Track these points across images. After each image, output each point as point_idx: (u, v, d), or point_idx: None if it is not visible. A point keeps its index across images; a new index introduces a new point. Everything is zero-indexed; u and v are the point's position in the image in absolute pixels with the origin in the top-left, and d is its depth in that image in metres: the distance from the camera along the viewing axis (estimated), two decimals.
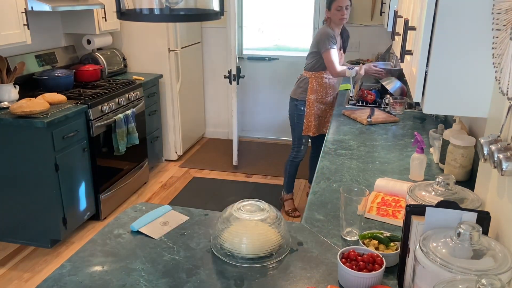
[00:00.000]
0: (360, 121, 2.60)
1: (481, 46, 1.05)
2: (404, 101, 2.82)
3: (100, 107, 3.21)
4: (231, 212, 1.32)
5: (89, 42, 3.89)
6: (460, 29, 1.05)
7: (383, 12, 4.19)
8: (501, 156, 0.92)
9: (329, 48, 2.99)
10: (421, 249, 0.93)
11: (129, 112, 3.51)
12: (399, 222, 1.45)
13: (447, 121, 2.47)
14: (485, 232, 1.01)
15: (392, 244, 1.25)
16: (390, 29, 2.79)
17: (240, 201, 1.38)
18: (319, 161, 2.01)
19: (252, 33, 5.13)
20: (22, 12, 2.86)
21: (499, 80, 0.96)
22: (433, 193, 1.15)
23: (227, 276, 1.20)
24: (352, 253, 1.18)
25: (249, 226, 1.34)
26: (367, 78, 3.70)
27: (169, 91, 4.32)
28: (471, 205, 1.10)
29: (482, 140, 0.99)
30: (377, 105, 2.98)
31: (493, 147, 0.95)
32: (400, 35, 1.37)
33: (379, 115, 2.67)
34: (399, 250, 1.14)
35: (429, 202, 1.11)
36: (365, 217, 1.46)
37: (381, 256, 1.16)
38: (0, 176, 2.92)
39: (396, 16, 1.78)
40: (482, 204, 1.16)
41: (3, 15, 2.73)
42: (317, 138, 3.38)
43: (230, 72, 4.15)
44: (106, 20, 3.78)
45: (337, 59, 3.05)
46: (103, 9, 3.70)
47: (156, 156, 4.31)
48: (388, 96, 2.95)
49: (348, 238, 1.37)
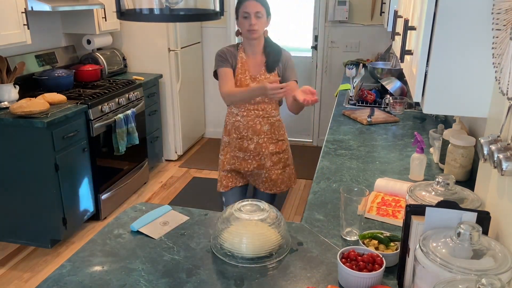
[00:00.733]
0: (360, 121, 2.60)
1: (481, 46, 1.05)
2: (404, 101, 2.82)
3: (100, 107, 3.21)
4: (231, 212, 1.32)
5: (89, 42, 3.89)
6: (460, 29, 1.05)
7: (383, 12, 4.19)
8: (501, 156, 0.92)
9: (216, 69, 2.24)
10: (421, 249, 0.93)
11: (129, 112, 3.51)
12: (399, 222, 1.45)
13: (447, 121, 2.47)
14: (485, 232, 1.01)
15: (392, 244, 1.25)
16: (390, 29, 2.79)
17: (240, 201, 1.38)
18: (319, 161, 2.01)
19: None
20: (22, 12, 2.86)
21: (499, 80, 0.96)
22: (433, 193, 1.15)
23: (227, 276, 1.20)
24: (352, 253, 1.18)
25: (249, 226, 1.34)
26: (367, 78, 3.71)
27: (169, 91, 4.32)
28: (471, 205, 1.10)
29: (482, 140, 0.99)
30: (377, 105, 2.98)
31: (493, 147, 0.95)
32: (400, 35, 1.37)
33: (379, 115, 2.67)
34: (399, 250, 1.14)
35: (429, 202, 1.11)
36: (365, 217, 1.46)
37: (381, 256, 1.16)
38: (0, 176, 2.92)
39: (396, 16, 1.78)
40: (482, 204, 1.16)
41: (3, 15, 2.73)
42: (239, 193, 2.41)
43: None
44: (106, 20, 3.78)
45: (228, 79, 2.19)
46: (103, 9, 3.70)
47: (156, 156, 4.31)
48: (388, 96, 2.95)
49: (348, 238, 1.37)
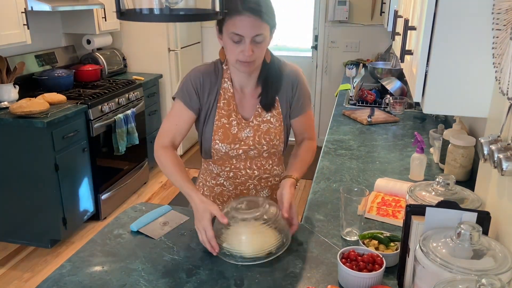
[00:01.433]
0: (360, 121, 2.60)
1: (481, 46, 1.05)
2: (404, 101, 2.82)
3: (100, 107, 3.21)
4: (228, 211, 1.31)
5: (89, 42, 3.89)
6: (460, 29, 1.05)
7: (383, 12, 4.19)
8: (501, 156, 0.92)
9: (174, 97, 1.53)
10: (421, 249, 0.93)
11: (129, 112, 3.51)
12: (399, 222, 1.45)
13: (447, 121, 2.47)
14: (485, 232, 1.01)
15: (392, 244, 1.25)
16: (390, 29, 2.79)
17: (237, 200, 1.36)
18: (319, 161, 2.01)
19: None
20: (22, 12, 2.86)
21: (499, 80, 0.96)
22: (433, 193, 1.15)
23: (227, 276, 1.20)
24: (352, 253, 1.18)
25: (248, 225, 1.34)
26: (367, 78, 3.71)
27: (169, 91, 4.32)
28: (471, 205, 1.10)
29: (482, 140, 0.98)
30: (377, 105, 2.98)
31: (493, 147, 0.95)
32: (400, 35, 1.37)
33: (379, 115, 2.67)
34: (399, 250, 1.14)
35: (429, 202, 1.11)
36: (365, 217, 1.45)
37: (381, 256, 1.16)
38: (0, 176, 2.92)
39: (396, 16, 1.78)
40: (482, 204, 1.15)
41: (3, 15, 2.73)
42: None
43: None
44: (106, 20, 3.78)
45: (172, 127, 1.49)
46: (103, 9, 3.70)
47: None
48: (388, 96, 2.95)
49: (348, 238, 1.37)
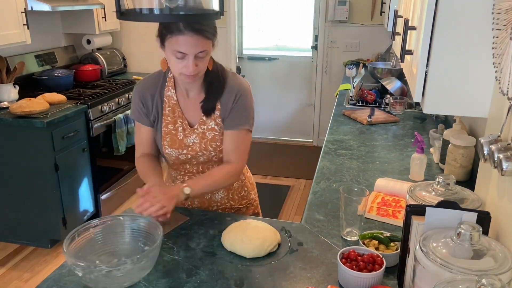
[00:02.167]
0: (360, 121, 2.60)
1: (481, 46, 1.05)
2: (404, 101, 2.82)
3: (100, 107, 3.21)
4: None
5: (89, 42, 3.89)
6: (461, 29, 1.05)
7: (383, 12, 4.19)
8: (501, 156, 0.92)
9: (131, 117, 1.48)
10: (421, 249, 0.93)
11: (129, 112, 3.51)
12: (399, 222, 1.45)
13: (447, 121, 2.47)
14: (485, 232, 1.01)
15: (392, 244, 1.25)
16: (390, 29, 2.79)
17: None
18: (319, 161, 2.01)
19: (252, 33, 5.13)
20: (22, 12, 2.86)
21: (499, 80, 0.96)
22: (433, 193, 1.15)
23: (227, 276, 1.20)
24: (352, 253, 1.18)
25: (248, 226, 1.34)
26: (367, 78, 3.71)
27: None
28: (471, 205, 1.10)
29: (482, 140, 0.98)
30: (377, 105, 2.98)
31: (493, 147, 0.95)
32: (400, 35, 1.37)
33: (379, 115, 2.67)
34: (399, 250, 1.14)
35: (429, 202, 1.11)
36: (365, 217, 1.45)
37: (381, 256, 1.16)
38: (0, 176, 2.92)
39: (396, 16, 1.78)
40: (482, 204, 1.15)
41: (3, 15, 2.73)
42: None
43: None
44: (106, 20, 3.78)
45: (142, 141, 1.63)
46: (103, 9, 3.70)
47: None
48: (388, 96, 2.95)
49: (348, 238, 1.37)
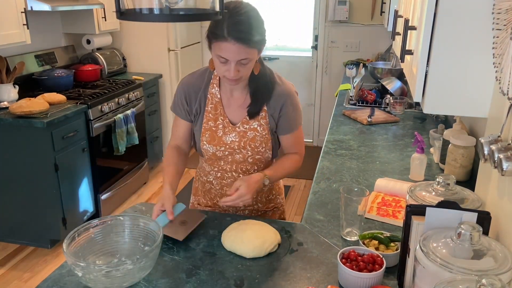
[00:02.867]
0: (360, 121, 2.60)
1: (482, 46, 1.05)
2: (404, 101, 2.82)
3: (100, 107, 3.21)
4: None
5: (89, 42, 3.89)
6: (461, 29, 1.05)
7: (383, 12, 4.19)
8: (502, 156, 0.92)
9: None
10: (421, 249, 0.93)
11: (129, 112, 3.51)
12: (399, 222, 1.45)
13: (447, 121, 2.47)
14: (486, 232, 1.01)
15: (392, 244, 1.25)
16: (390, 29, 2.79)
17: None
18: (319, 161, 2.01)
19: None
20: (22, 12, 2.86)
21: (500, 80, 0.96)
22: (434, 193, 1.15)
23: (227, 276, 1.20)
24: (352, 253, 1.18)
25: (248, 226, 1.34)
26: (367, 78, 3.70)
27: (169, 91, 4.32)
28: (472, 205, 1.10)
29: (483, 140, 0.98)
30: (377, 105, 2.98)
31: (494, 147, 0.95)
32: (401, 35, 1.37)
33: (379, 115, 2.67)
34: (399, 250, 1.14)
35: (430, 202, 1.11)
36: (365, 217, 1.45)
37: (381, 256, 1.16)
38: (0, 176, 2.91)
39: (397, 16, 1.78)
40: (483, 204, 1.15)
41: (3, 15, 2.73)
42: None
43: None
44: (106, 20, 3.78)
45: (178, 133, 1.61)
46: (103, 9, 3.70)
47: (156, 156, 4.31)
48: (388, 96, 2.95)
49: (348, 238, 1.37)
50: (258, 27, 1.33)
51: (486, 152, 0.97)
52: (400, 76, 3.48)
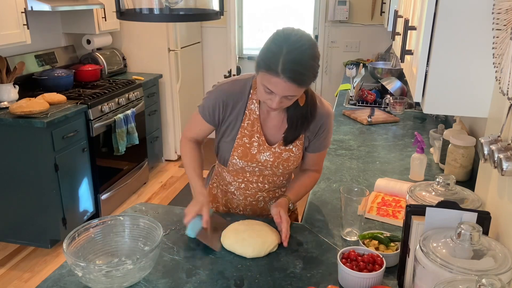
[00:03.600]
0: (360, 121, 2.60)
1: (482, 46, 1.05)
2: (404, 101, 2.82)
3: (100, 107, 3.21)
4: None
5: (89, 42, 3.89)
6: (461, 29, 1.05)
7: (383, 12, 4.19)
8: (502, 156, 0.92)
9: (198, 107, 1.52)
10: (421, 249, 0.93)
11: (129, 112, 3.51)
12: (399, 222, 1.45)
13: (447, 121, 2.47)
14: (486, 232, 1.01)
15: (392, 244, 1.25)
16: (390, 29, 2.79)
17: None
18: None
19: (252, 33, 5.13)
20: (22, 12, 2.86)
21: (500, 80, 0.96)
22: (433, 193, 1.15)
23: (227, 276, 1.20)
24: (352, 253, 1.18)
25: (248, 226, 1.34)
26: (367, 78, 3.70)
27: (169, 91, 4.32)
28: (472, 205, 1.10)
29: (483, 140, 0.98)
30: (377, 105, 2.98)
31: (494, 147, 0.95)
32: (401, 35, 1.37)
33: (379, 115, 2.67)
34: (399, 251, 1.14)
35: (430, 202, 1.11)
36: (365, 217, 1.45)
37: (381, 256, 1.16)
38: (0, 176, 2.91)
39: (397, 16, 1.78)
40: (483, 204, 1.15)
41: (3, 15, 2.73)
42: None
43: (230, 72, 4.15)
44: (106, 20, 3.78)
45: (198, 128, 1.54)
46: (103, 9, 3.70)
47: (156, 156, 4.31)
48: (388, 96, 2.95)
49: (348, 238, 1.37)
50: (313, 67, 1.24)
51: (486, 152, 0.97)
52: (400, 76, 3.48)
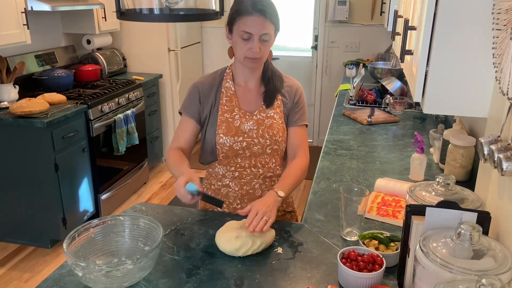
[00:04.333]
0: (360, 121, 2.60)
1: (481, 46, 1.05)
2: (404, 101, 2.82)
3: (100, 107, 3.21)
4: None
5: (89, 42, 3.89)
6: (460, 29, 1.05)
7: (383, 12, 4.19)
8: (501, 156, 0.92)
9: (180, 110, 1.61)
10: (421, 249, 0.93)
11: (129, 112, 3.51)
12: (399, 222, 1.45)
13: (447, 121, 2.47)
14: (485, 232, 1.01)
15: (392, 244, 1.25)
16: (390, 29, 2.79)
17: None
18: (319, 161, 2.01)
19: None
20: (22, 12, 2.86)
21: (499, 80, 0.96)
22: (433, 193, 1.15)
23: (227, 276, 1.20)
24: (352, 253, 1.18)
25: (241, 224, 1.34)
26: (367, 78, 3.71)
27: (169, 91, 4.32)
28: (471, 205, 1.10)
29: (482, 140, 0.98)
30: (377, 105, 2.98)
31: (493, 147, 0.95)
32: (400, 35, 1.37)
33: (379, 115, 2.67)
34: (399, 250, 1.14)
35: (429, 202, 1.11)
36: (365, 217, 1.45)
37: (381, 256, 1.16)
38: (0, 176, 2.92)
39: (396, 16, 1.78)
40: (482, 204, 1.15)
41: (3, 15, 2.73)
42: None
43: None
44: (106, 20, 3.78)
45: (182, 135, 1.58)
46: (103, 9, 3.70)
47: (156, 156, 4.31)
48: (388, 96, 2.95)
49: (348, 238, 1.37)
50: (275, 8, 1.48)
51: (486, 152, 0.97)
52: (400, 76, 3.48)
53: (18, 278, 2.74)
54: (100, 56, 3.88)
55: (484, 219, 1.00)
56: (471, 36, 1.05)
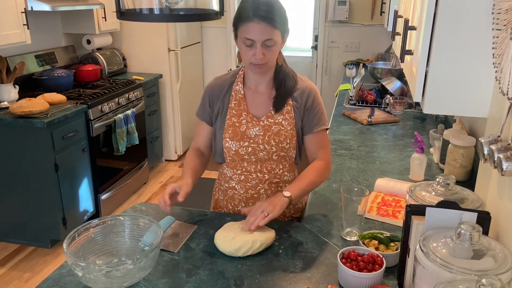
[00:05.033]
0: (360, 121, 2.60)
1: (482, 46, 1.05)
2: (404, 101, 2.82)
3: (100, 107, 3.21)
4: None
5: (89, 42, 3.89)
6: (461, 29, 1.05)
7: (383, 12, 4.19)
8: (501, 156, 0.92)
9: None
10: (421, 249, 0.93)
11: (129, 112, 3.51)
12: (399, 222, 1.45)
13: (447, 121, 2.47)
14: (485, 232, 1.01)
15: (392, 244, 1.25)
16: (390, 29, 2.79)
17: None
18: None
19: None
20: (22, 12, 2.86)
21: (499, 80, 0.96)
22: (433, 193, 1.15)
23: (227, 276, 1.20)
24: (352, 253, 1.18)
25: (240, 225, 1.34)
26: (367, 78, 3.70)
27: (169, 91, 4.32)
28: (471, 205, 1.10)
29: (482, 140, 0.98)
30: (377, 105, 2.98)
31: (493, 147, 0.95)
32: (400, 35, 1.37)
33: (379, 115, 2.67)
34: (399, 250, 1.14)
35: (429, 202, 1.11)
36: (365, 217, 1.45)
37: (381, 256, 1.16)
38: (0, 176, 2.92)
39: (396, 16, 1.78)
40: (482, 204, 1.15)
41: (3, 15, 2.73)
42: None
43: None
44: (106, 20, 3.78)
45: (199, 135, 1.62)
46: (103, 9, 3.70)
47: (156, 156, 4.31)
48: (388, 96, 2.95)
49: (348, 238, 1.37)
50: (280, 11, 1.38)
51: (486, 152, 0.97)
52: (400, 76, 3.48)
53: (18, 278, 2.74)
54: (100, 56, 3.88)
55: (484, 219, 1.00)
56: (471, 36, 1.05)
